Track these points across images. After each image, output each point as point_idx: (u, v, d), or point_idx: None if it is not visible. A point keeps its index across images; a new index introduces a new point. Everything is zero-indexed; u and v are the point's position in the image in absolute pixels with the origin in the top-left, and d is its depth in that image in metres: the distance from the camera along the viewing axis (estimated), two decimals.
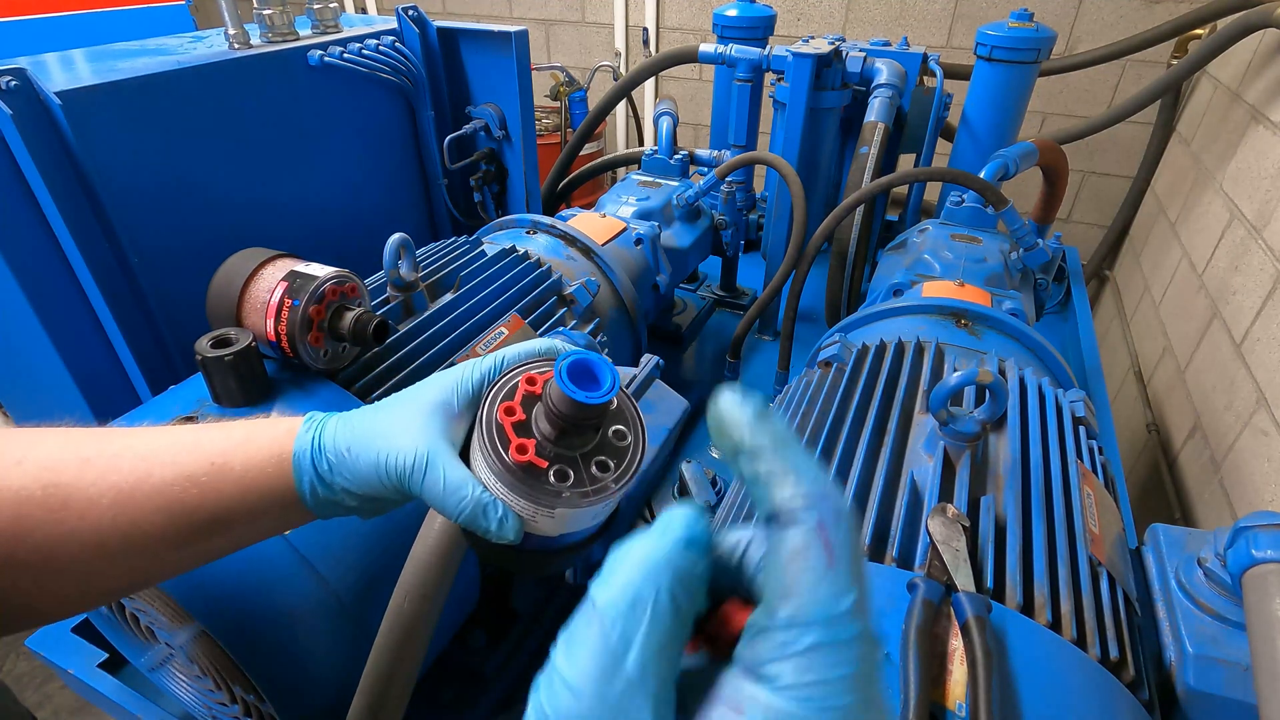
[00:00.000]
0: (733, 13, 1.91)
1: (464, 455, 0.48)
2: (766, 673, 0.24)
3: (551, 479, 0.45)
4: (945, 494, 0.74)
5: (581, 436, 0.46)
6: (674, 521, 0.27)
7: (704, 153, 1.90)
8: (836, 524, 0.25)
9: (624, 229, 1.55)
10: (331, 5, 1.56)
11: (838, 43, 1.77)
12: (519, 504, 0.45)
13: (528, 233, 1.43)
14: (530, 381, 0.48)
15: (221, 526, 0.49)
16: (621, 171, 3.68)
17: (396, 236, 1.01)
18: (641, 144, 3.11)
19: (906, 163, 2.03)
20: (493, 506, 0.45)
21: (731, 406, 0.28)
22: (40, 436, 0.48)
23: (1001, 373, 0.96)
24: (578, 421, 0.44)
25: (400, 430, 0.48)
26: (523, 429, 0.46)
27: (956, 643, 0.57)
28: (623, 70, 3.72)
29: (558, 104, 3.29)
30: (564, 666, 0.25)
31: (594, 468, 0.46)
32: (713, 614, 0.29)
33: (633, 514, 1.21)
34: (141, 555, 0.48)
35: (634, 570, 0.25)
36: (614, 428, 0.47)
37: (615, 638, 0.24)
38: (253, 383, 0.83)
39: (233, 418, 0.81)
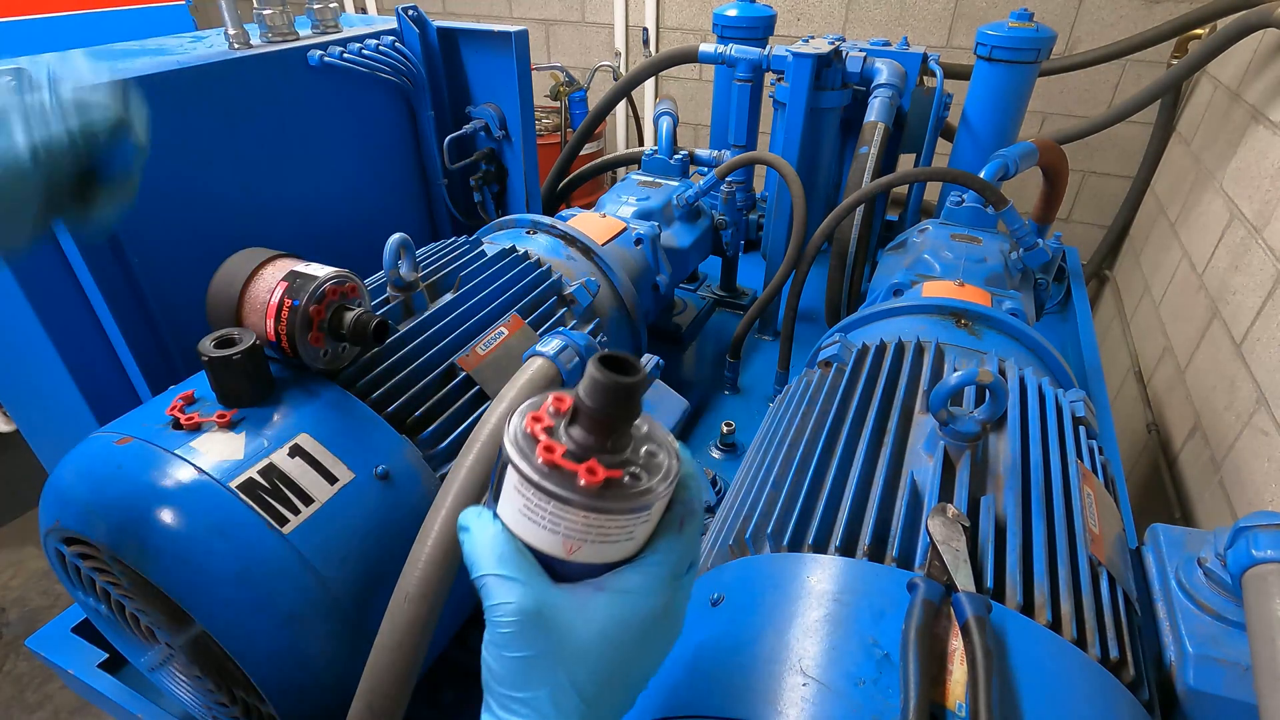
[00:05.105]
0: (733, 13, 1.91)
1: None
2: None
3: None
4: (945, 494, 0.74)
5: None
6: None
7: (704, 153, 1.90)
8: (689, 517, 0.46)
9: (624, 229, 1.55)
10: (331, 5, 1.56)
11: (838, 43, 1.77)
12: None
13: (528, 233, 1.43)
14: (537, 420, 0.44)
15: None
16: (621, 171, 3.68)
17: (396, 237, 1.01)
18: (641, 144, 3.11)
19: (906, 163, 2.03)
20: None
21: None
22: None
23: (1001, 373, 0.96)
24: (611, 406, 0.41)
25: None
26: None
27: (956, 643, 0.57)
28: (623, 70, 3.72)
29: (558, 104, 3.29)
30: None
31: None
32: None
33: None
34: None
35: None
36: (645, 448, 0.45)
37: None
38: (260, 382, 0.83)
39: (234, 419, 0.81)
